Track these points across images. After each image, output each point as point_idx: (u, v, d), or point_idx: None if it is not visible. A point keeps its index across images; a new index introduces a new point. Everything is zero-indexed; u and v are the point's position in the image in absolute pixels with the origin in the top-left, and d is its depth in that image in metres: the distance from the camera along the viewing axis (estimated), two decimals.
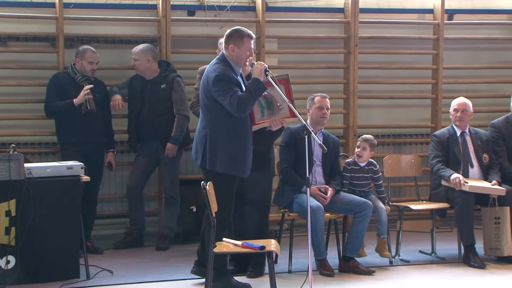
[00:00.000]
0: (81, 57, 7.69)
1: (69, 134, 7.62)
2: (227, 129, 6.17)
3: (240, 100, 6.04)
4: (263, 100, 6.43)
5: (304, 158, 6.02)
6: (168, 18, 8.43)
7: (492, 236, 7.32)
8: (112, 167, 7.98)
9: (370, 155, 7.38)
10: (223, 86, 6.10)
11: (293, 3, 9.15)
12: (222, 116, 6.16)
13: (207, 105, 6.24)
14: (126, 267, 7.16)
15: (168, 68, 8.01)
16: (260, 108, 6.44)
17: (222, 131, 6.18)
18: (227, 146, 6.18)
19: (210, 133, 6.21)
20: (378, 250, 7.19)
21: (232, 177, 6.26)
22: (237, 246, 5.91)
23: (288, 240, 7.14)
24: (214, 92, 6.13)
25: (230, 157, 6.19)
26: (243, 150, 6.26)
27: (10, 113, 8.19)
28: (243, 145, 6.26)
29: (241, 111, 6.10)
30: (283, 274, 6.88)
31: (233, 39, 6.26)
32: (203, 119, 6.30)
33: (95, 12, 8.39)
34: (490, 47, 9.80)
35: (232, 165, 6.21)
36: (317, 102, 7.16)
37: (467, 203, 7.24)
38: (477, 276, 6.90)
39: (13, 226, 6.39)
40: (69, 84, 7.65)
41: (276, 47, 9.00)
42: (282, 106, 6.45)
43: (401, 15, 9.47)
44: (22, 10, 8.16)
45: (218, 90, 6.11)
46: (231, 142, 6.19)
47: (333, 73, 9.23)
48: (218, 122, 6.19)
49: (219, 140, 6.18)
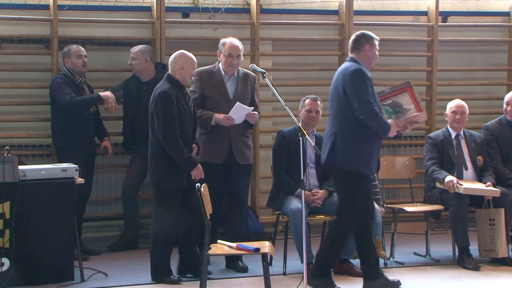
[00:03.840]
0: (68, 56, 7.67)
1: (70, 137, 7.57)
2: (364, 129, 6.24)
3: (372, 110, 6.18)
4: (389, 107, 6.51)
5: (296, 161, 6.04)
6: (163, 20, 8.43)
7: (487, 237, 7.34)
8: (108, 152, 7.92)
9: None
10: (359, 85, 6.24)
11: (287, 5, 9.16)
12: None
13: (340, 104, 6.30)
14: (121, 269, 7.16)
15: (164, 70, 8.00)
16: (387, 115, 6.47)
17: (358, 131, 6.24)
18: (364, 146, 6.26)
19: (345, 132, 6.27)
20: None
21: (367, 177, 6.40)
22: (231, 248, 5.91)
23: (283, 242, 7.14)
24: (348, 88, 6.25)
25: (367, 156, 6.29)
26: (375, 149, 6.39)
27: (4, 115, 8.17)
28: (375, 145, 6.38)
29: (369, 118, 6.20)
30: (278, 276, 6.88)
31: (367, 40, 6.40)
32: (336, 118, 6.35)
33: (89, 14, 8.39)
34: (484, 49, 9.81)
35: (366, 165, 6.32)
36: (307, 105, 7.20)
37: (461, 205, 7.26)
38: (471, 278, 6.91)
39: (7, 229, 6.38)
40: (70, 86, 7.61)
41: (271, 49, 9.01)
42: (409, 107, 6.51)
43: (395, 17, 9.48)
44: (16, 12, 8.14)
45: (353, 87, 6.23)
46: (366, 141, 6.28)
47: (328, 75, 9.14)
48: (353, 121, 6.24)
49: (354, 139, 6.25)
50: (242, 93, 7.02)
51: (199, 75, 6.98)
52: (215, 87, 6.99)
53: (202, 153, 6.85)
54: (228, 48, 6.96)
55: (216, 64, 7.09)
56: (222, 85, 7.00)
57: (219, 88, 6.99)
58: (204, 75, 7.02)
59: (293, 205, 6.84)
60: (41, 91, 8.04)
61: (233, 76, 7.03)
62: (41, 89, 8.05)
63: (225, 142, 6.93)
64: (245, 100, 7.01)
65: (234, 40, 7.04)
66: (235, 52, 6.96)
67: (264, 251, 5.80)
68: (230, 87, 7.02)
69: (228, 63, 6.96)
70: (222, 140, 6.92)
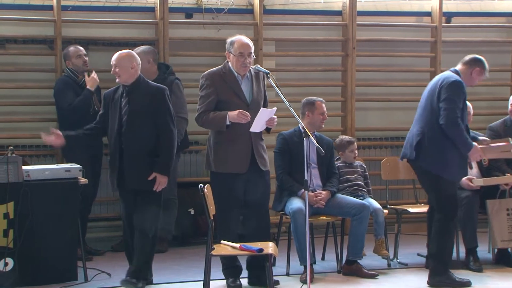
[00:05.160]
0: (67, 57, 7.69)
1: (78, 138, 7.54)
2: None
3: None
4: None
5: (299, 162, 6.04)
6: (166, 20, 8.44)
7: (504, 228, 7.32)
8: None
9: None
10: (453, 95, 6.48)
11: (290, 6, 9.16)
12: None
13: (434, 108, 6.56)
14: (124, 270, 7.10)
15: (167, 71, 8.01)
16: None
17: (446, 137, 6.49)
18: (450, 152, 6.51)
19: (433, 136, 6.53)
20: (376, 250, 7.20)
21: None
22: (235, 249, 5.91)
23: (286, 243, 7.14)
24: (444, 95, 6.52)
25: (452, 163, 6.54)
26: (460, 157, 6.61)
27: (8, 116, 8.19)
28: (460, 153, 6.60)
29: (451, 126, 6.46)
30: (281, 277, 6.87)
31: (481, 66, 6.78)
32: (426, 120, 6.62)
33: (93, 14, 8.40)
34: (488, 50, 9.77)
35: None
36: (319, 108, 7.15)
37: (472, 205, 7.26)
38: (475, 279, 6.89)
39: (11, 229, 6.39)
40: (74, 87, 7.61)
41: (274, 50, 9.01)
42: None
43: (399, 18, 9.48)
44: (20, 13, 8.16)
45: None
46: (451, 148, 6.52)
47: (331, 75, 9.24)
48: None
49: (441, 145, 6.50)
50: (258, 95, 6.53)
51: (211, 79, 6.45)
52: (229, 90, 6.43)
53: (222, 164, 6.42)
54: (238, 46, 6.42)
55: (225, 64, 6.53)
56: (237, 87, 6.44)
57: (234, 91, 6.43)
58: (216, 78, 6.46)
59: (295, 205, 6.83)
60: (45, 91, 8.05)
61: (246, 77, 6.49)
62: (45, 90, 8.06)
63: (247, 150, 6.42)
64: (261, 100, 6.56)
65: (243, 37, 6.53)
66: (246, 50, 6.42)
67: (268, 251, 5.79)
68: (245, 88, 6.49)
69: (240, 63, 6.39)
70: (244, 147, 6.41)
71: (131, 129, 6.34)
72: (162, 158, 6.35)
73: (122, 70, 6.41)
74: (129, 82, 6.43)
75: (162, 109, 6.37)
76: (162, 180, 6.33)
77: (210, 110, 6.41)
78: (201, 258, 6.47)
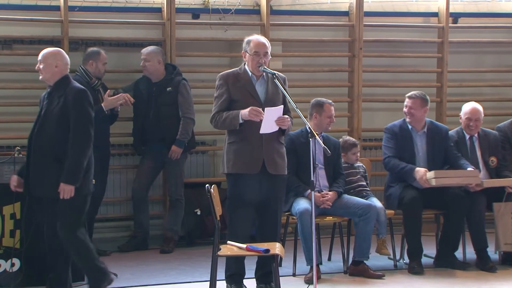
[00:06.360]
0: (96, 59, 7.67)
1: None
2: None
3: None
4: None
5: (305, 163, 6.02)
6: (173, 21, 8.44)
7: (508, 231, 7.30)
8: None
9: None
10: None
11: (297, 6, 9.16)
12: None
13: None
14: (131, 270, 7.17)
15: (174, 71, 8.02)
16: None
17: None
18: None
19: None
20: (378, 249, 7.19)
21: None
22: (241, 249, 5.91)
23: (292, 243, 7.14)
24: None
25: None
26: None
27: (15, 116, 8.20)
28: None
29: None
30: (288, 277, 6.88)
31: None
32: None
33: (100, 15, 8.42)
34: (495, 50, 9.80)
35: None
36: (327, 110, 7.13)
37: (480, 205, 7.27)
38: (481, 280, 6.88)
39: (17, 229, 6.39)
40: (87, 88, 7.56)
41: (281, 50, 9.00)
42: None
43: (405, 19, 9.47)
44: (27, 13, 8.17)
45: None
46: None
47: (338, 76, 9.24)
48: None
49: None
50: (274, 95, 6.35)
51: (224, 79, 6.34)
52: (243, 89, 6.31)
53: (234, 164, 6.29)
54: (254, 45, 6.27)
55: (241, 66, 6.43)
56: (251, 86, 6.31)
57: (248, 90, 6.30)
58: (230, 77, 6.34)
59: (301, 206, 6.83)
60: None
61: (261, 77, 6.35)
62: None
63: (258, 151, 6.26)
64: (277, 102, 6.32)
65: (260, 37, 6.42)
66: (261, 49, 6.27)
67: (274, 252, 5.79)
68: (260, 88, 6.34)
69: (255, 62, 6.27)
70: (255, 148, 6.26)
71: (41, 133, 5.98)
72: (67, 166, 5.84)
73: (46, 67, 6.06)
74: (52, 81, 6.09)
75: (75, 112, 5.92)
76: (66, 188, 5.84)
77: (224, 110, 6.29)
78: (207, 259, 6.48)
